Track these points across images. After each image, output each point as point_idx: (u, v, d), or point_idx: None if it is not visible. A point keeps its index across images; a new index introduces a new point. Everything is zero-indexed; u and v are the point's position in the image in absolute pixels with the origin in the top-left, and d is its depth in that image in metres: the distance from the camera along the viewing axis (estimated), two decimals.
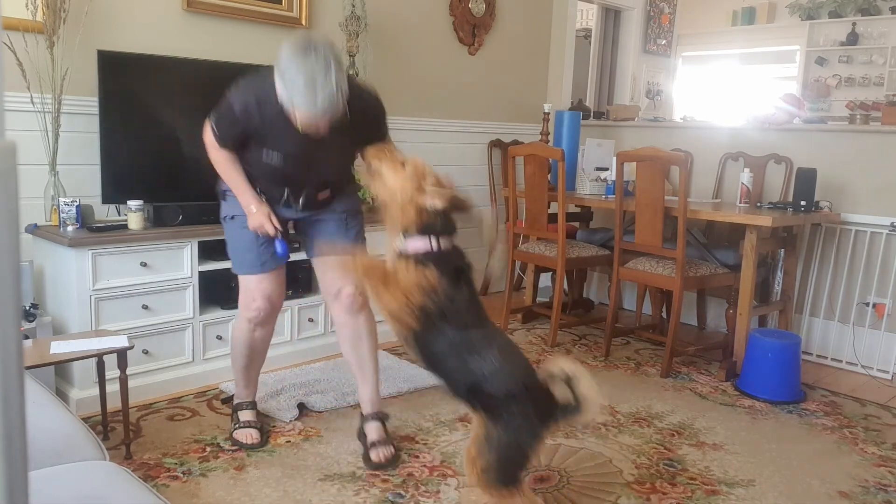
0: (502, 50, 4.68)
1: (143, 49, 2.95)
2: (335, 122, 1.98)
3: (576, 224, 4.35)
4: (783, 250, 3.59)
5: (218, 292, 3.00)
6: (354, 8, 3.71)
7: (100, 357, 2.32)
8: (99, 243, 2.59)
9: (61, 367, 2.63)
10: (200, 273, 2.88)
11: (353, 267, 1.85)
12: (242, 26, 3.37)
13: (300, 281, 3.25)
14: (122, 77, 2.80)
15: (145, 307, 2.75)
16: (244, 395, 2.56)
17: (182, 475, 2.21)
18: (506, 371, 1.71)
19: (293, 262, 2.73)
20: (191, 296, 2.87)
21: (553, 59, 5.01)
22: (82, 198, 2.74)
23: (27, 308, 2.57)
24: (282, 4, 3.48)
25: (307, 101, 1.89)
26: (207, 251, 2.90)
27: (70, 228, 2.66)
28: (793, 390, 3.10)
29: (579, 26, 6.27)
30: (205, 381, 2.93)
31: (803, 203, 3.31)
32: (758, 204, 3.62)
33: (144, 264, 2.72)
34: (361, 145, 2.05)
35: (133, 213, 2.73)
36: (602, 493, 2.22)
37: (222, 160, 2.21)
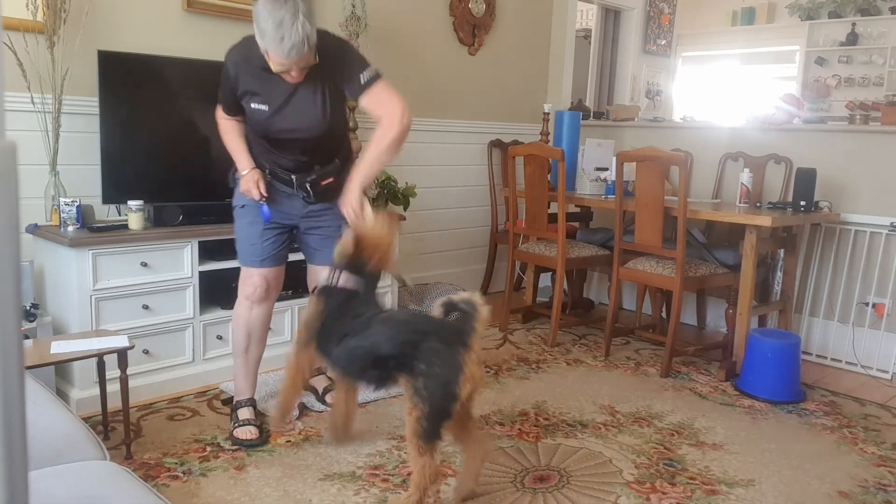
0: (502, 50, 4.68)
1: (143, 49, 2.95)
2: (307, 68, 2.16)
3: (576, 224, 4.35)
4: (783, 250, 3.59)
5: (218, 292, 3.00)
6: (354, 8, 3.71)
7: (100, 357, 2.32)
8: (99, 243, 2.59)
9: (61, 367, 2.63)
10: (201, 273, 2.89)
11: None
12: (242, 26, 3.36)
13: (299, 281, 3.25)
14: (122, 77, 2.80)
15: (145, 307, 2.75)
16: (243, 392, 2.57)
17: (182, 475, 2.22)
18: (389, 332, 1.97)
19: (292, 263, 2.73)
20: (191, 296, 2.87)
21: (553, 59, 5.01)
22: (82, 198, 2.74)
23: (27, 308, 2.57)
24: None
25: (276, 42, 2.04)
26: (208, 251, 2.90)
27: (70, 228, 2.66)
28: (792, 390, 3.10)
29: (579, 26, 6.27)
30: (205, 381, 2.93)
31: (803, 203, 3.31)
32: (757, 204, 3.62)
33: (145, 264, 2.72)
34: (341, 93, 2.29)
35: (133, 213, 2.74)
36: (602, 493, 2.22)
37: (226, 128, 2.41)
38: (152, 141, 2.91)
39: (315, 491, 2.15)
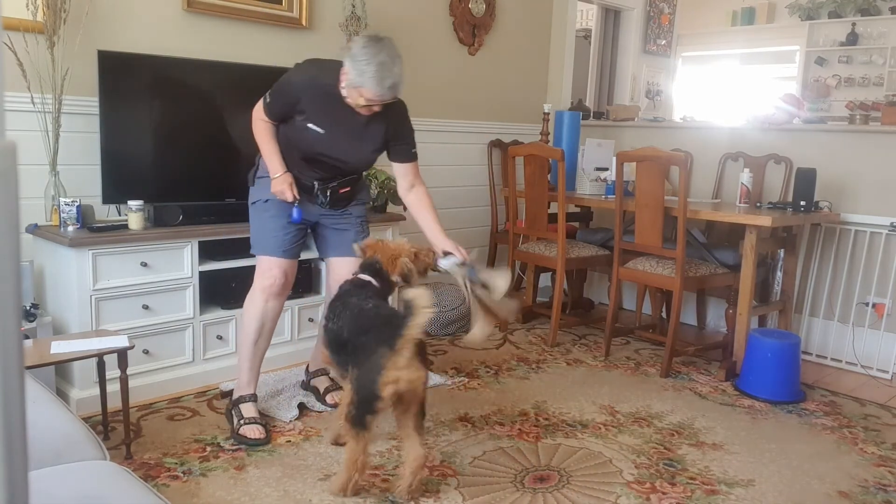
0: (502, 50, 4.68)
1: (143, 49, 2.95)
2: (381, 108, 2.35)
3: (576, 224, 4.35)
4: (783, 250, 3.59)
5: (218, 292, 3.00)
6: (354, 8, 3.71)
7: (100, 357, 2.32)
8: (99, 243, 2.59)
9: (62, 367, 2.63)
10: (201, 273, 2.88)
11: None
12: (242, 26, 3.37)
13: (300, 281, 3.25)
14: (122, 77, 2.80)
15: (145, 307, 2.75)
16: (246, 387, 2.58)
17: (182, 475, 2.22)
18: (349, 323, 2.12)
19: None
20: (191, 296, 2.87)
21: (553, 59, 5.01)
22: (82, 198, 2.74)
23: (27, 308, 2.57)
24: (282, 4, 3.48)
25: (376, 81, 2.22)
26: (208, 251, 2.90)
27: (70, 228, 2.66)
28: (792, 390, 3.10)
29: (579, 26, 6.27)
30: (205, 381, 2.93)
31: (803, 203, 3.31)
32: (757, 204, 3.62)
33: (145, 264, 2.72)
34: (387, 143, 2.49)
35: (133, 213, 2.73)
36: (602, 493, 2.22)
37: (263, 129, 2.47)
38: (152, 141, 2.91)
39: (315, 491, 2.15)
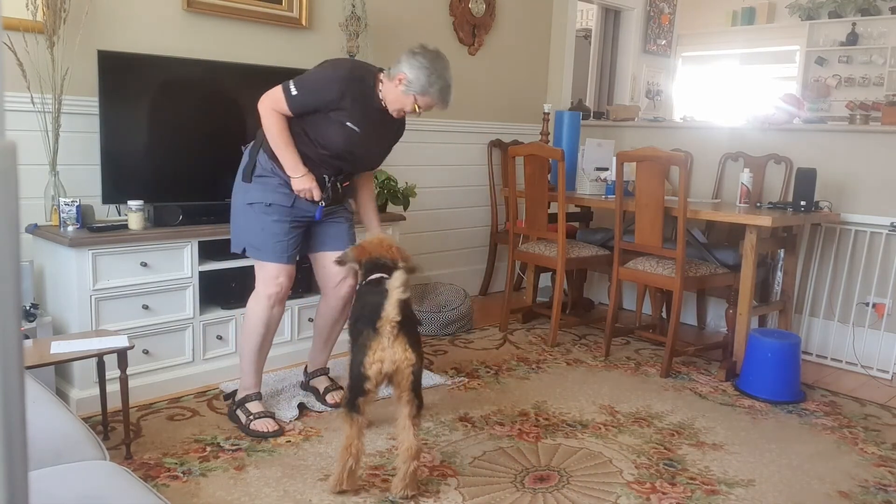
0: (502, 50, 4.68)
1: (143, 49, 2.95)
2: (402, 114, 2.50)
3: (576, 224, 4.35)
4: (783, 250, 3.59)
5: (218, 292, 3.00)
6: (354, 8, 3.71)
7: (100, 357, 2.32)
8: (99, 243, 2.59)
9: (61, 367, 2.63)
10: (201, 273, 2.88)
11: None
12: (242, 26, 3.37)
13: (300, 281, 3.25)
14: (122, 77, 2.80)
15: (145, 307, 2.75)
16: (251, 386, 2.58)
17: (182, 475, 2.21)
18: (352, 312, 2.31)
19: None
20: (191, 296, 2.87)
21: (553, 59, 5.01)
22: (82, 198, 2.74)
23: (27, 308, 2.57)
24: (282, 4, 3.48)
25: (439, 94, 2.41)
26: (208, 251, 2.90)
27: (70, 228, 2.66)
28: (793, 390, 3.10)
29: (579, 26, 6.27)
30: (205, 381, 2.93)
31: (803, 203, 3.31)
32: (757, 204, 3.62)
33: (144, 264, 2.72)
34: (391, 144, 2.65)
35: (133, 213, 2.73)
36: (602, 494, 2.22)
37: (279, 123, 2.40)
38: (152, 141, 2.91)
39: (315, 491, 2.15)
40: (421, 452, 2.15)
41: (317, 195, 2.46)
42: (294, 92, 2.36)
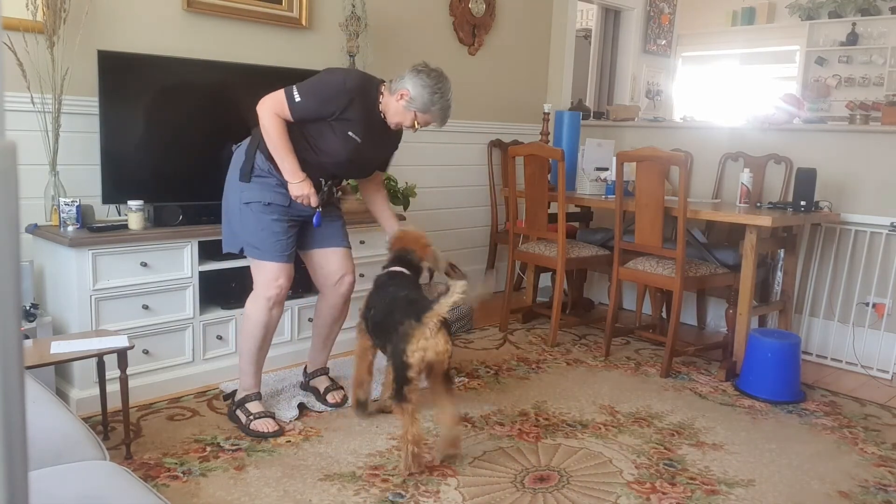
0: (502, 50, 4.68)
1: (143, 49, 2.95)
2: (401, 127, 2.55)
3: (576, 224, 4.35)
4: (783, 250, 3.59)
5: (218, 292, 3.00)
6: (354, 8, 3.71)
7: (100, 357, 2.32)
8: (99, 243, 2.59)
9: (61, 367, 2.63)
10: (200, 273, 2.88)
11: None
12: (242, 26, 3.37)
13: (300, 281, 3.24)
14: (122, 77, 2.80)
15: (145, 307, 2.75)
16: (250, 387, 2.58)
17: (182, 475, 2.21)
18: (382, 306, 2.38)
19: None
20: (191, 296, 2.87)
21: (553, 59, 5.01)
22: (82, 198, 2.74)
23: (27, 308, 2.57)
24: (282, 4, 3.48)
25: (440, 112, 2.45)
26: (207, 251, 2.90)
27: (70, 228, 2.66)
28: (793, 390, 3.10)
29: (579, 26, 6.27)
30: (205, 381, 2.93)
31: (803, 203, 3.31)
32: (758, 204, 3.62)
33: (144, 264, 2.72)
34: (390, 153, 2.72)
35: (133, 213, 2.73)
36: (602, 493, 2.22)
37: (279, 127, 2.39)
38: (152, 141, 2.91)
39: (315, 491, 2.15)
40: (461, 419, 2.40)
41: (314, 202, 2.47)
42: (298, 98, 2.35)
